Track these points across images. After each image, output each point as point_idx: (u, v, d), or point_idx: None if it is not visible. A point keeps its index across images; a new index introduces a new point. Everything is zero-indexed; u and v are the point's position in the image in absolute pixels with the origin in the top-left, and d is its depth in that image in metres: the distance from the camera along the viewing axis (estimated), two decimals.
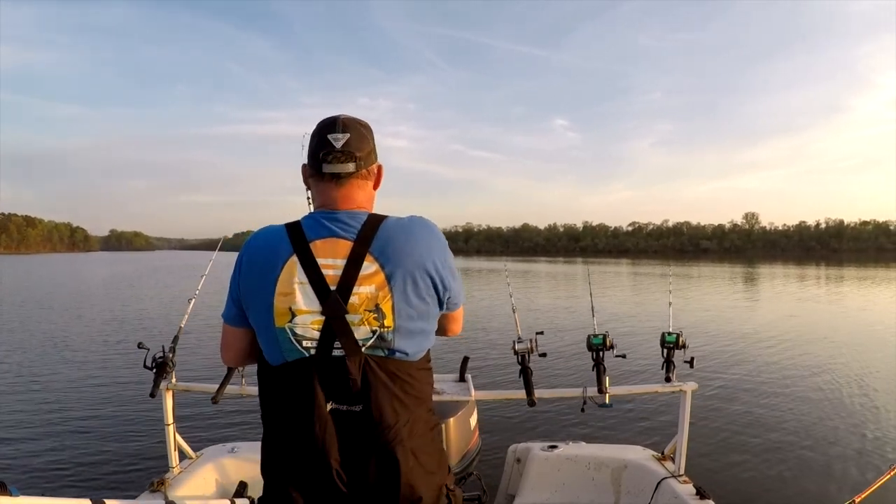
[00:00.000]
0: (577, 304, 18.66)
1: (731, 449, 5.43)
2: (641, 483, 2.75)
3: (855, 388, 7.78)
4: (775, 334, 12.36)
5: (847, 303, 19.70)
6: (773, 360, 9.68)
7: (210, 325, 11.78)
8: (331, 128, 1.28)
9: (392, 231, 1.24)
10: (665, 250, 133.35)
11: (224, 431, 5.69)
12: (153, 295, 24.26)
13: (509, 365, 3.24)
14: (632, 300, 20.63)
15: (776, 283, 30.76)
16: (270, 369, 1.25)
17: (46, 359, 10.16)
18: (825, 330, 13.09)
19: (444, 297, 1.30)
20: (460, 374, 2.81)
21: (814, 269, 47.54)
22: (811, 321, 14.86)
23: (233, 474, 2.83)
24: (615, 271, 45.49)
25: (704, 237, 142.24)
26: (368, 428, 1.19)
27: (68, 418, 6.53)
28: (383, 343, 1.21)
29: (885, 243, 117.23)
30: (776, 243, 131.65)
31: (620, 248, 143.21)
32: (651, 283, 30.98)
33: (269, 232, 1.28)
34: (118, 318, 15.88)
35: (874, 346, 10.95)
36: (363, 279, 1.19)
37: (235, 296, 1.30)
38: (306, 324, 1.19)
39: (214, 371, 7.78)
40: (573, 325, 13.22)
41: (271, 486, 1.26)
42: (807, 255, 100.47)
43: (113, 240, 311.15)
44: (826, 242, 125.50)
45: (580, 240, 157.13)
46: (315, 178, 1.31)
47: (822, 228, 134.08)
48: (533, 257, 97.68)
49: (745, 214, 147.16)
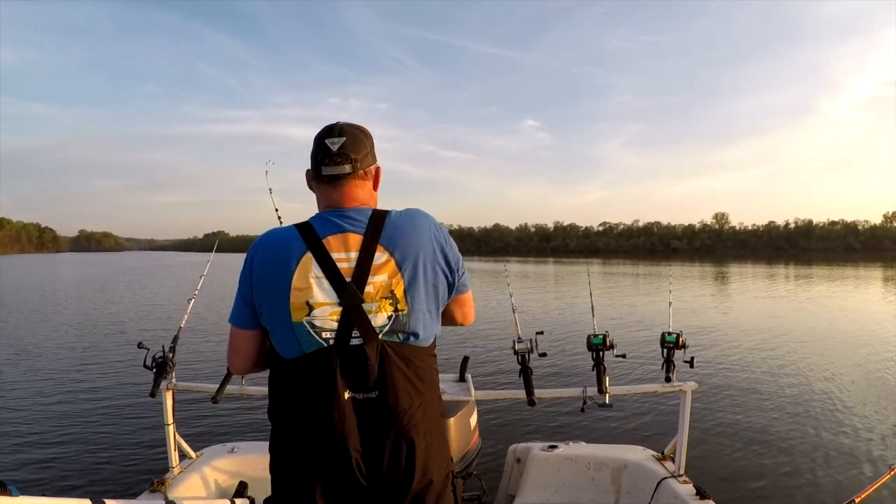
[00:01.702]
0: (576, 304, 18.67)
1: (731, 449, 5.43)
2: (641, 483, 2.75)
3: (854, 388, 7.78)
4: (774, 334, 12.35)
5: (840, 303, 19.70)
6: (773, 360, 9.68)
7: (211, 323, 11.81)
8: (328, 133, 1.36)
9: (398, 221, 1.32)
10: (635, 250, 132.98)
11: (224, 431, 5.68)
12: (150, 295, 24.28)
13: (509, 365, 3.25)
14: (614, 301, 20.64)
15: (761, 283, 30.77)
16: (286, 363, 1.27)
17: (46, 359, 10.15)
18: (823, 330, 13.09)
19: (452, 278, 1.37)
20: (460, 374, 2.82)
21: (783, 269, 47.51)
22: (809, 321, 14.87)
23: (233, 474, 2.83)
24: (588, 271, 45.93)
25: (675, 237, 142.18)
26: (385, 413, 1.23)
27: (68, 418, 6.53)
28: (399, 326, 1.26)
29: (853, 243, 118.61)
30: (746, 243, 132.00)
31: (591, 248, 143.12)
32: (622, 282, 31.10)
33: (280, 232, 1.34)
34: (118, 318, 15.89)
35: (873, 346, 10.95)
36: (376, 269, 1.26)
37: (248, 297, 1.32)
38: (325, 315, 1.24)
39: (214, 371, 7.78)
40: (573, 325, 13.23)
41: (287, 482, 1.28)
42: (776, 255, 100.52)
43: (82, 240, 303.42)
44: (795, 242, 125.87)
45: (551, 240, 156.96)
46: (317, 182, 1.39)
47: (792, 228, 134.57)
48: (504, 257, 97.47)
49: (715, 214, 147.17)
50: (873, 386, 7.88)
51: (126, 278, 37.61)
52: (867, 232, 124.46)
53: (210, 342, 10.85)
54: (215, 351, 9.90)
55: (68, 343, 11.83)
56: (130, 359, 9.32)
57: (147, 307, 19.12)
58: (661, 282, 30.98)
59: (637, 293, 23.68)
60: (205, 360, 9.22)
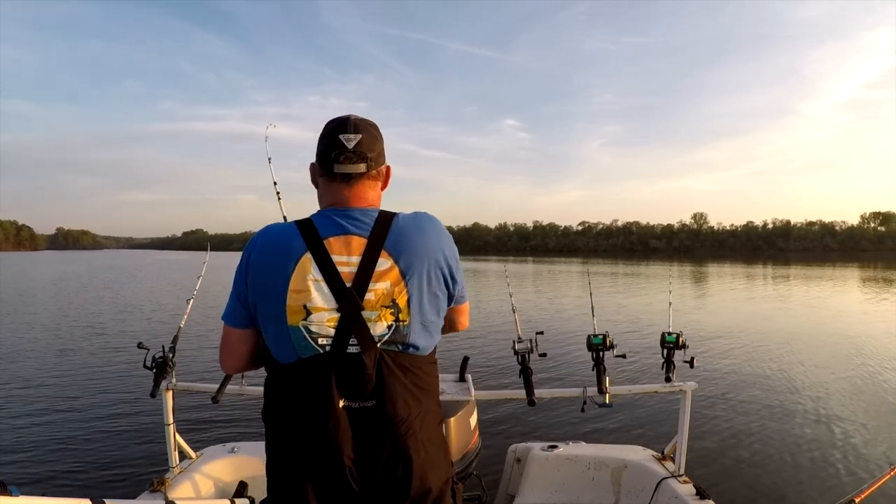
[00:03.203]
0: (567, 304, 18.66)
1: (731, 449, 5.43)
2: (641, 483, 2.75)
3: (854, 388, 7.78)
4: (771, 335, 12.35)
5: (833, 304, 19.70)
6: (772, 360, 9.67)
7: (211, 323, 11.81)
8: (342, 128, 1.27)
9: (404, 226, 1.25)
10: (615, 250, 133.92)
11: (224, 431, 5.68)
12: (148, 295, 24.26)
13: (509, 365, 3.25)
14: (615, 300, 20.64)
15: (745, 283, 30.84)
16: (281, 368, 1.23)
17: (46, 359, 10.14)
18: (819, 330, 13.10)
19: (454, 290, 1.32)
20: (460, 374, 2.81)
21: (763, 269, 47.72)
22: (805, 322, 14.87)
23: (233, 474, 2.83)
24: (566, 270, 46.26)
25: (654, 237, 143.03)
26: (382, 422, 1.19)
27: (68, 418, 6.53)
28: (399, 338, 1.21)
29: (831, 243, 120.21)
30: (724, 243, 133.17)
31: (570, 247, 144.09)
32: (616, 282, 31.09)
33: (279, 228, 1.26)
34: (118, 319, 15.88)
35: (872, 346, 10.95)
36: (379, 275, 1.20)
37: (242, 295, 1.26)
38: (322, 321, 1.18)
39: (214, 371, 7.79)
40: (573, 325, 13.22)
41: (280, 485, 1.24)
42: (754, 255, 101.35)
43: (60, 238, 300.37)
44: (773, 242, 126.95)
45: (530, 239, 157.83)
46: (325, 178, 1.31)
47: (770, 228, 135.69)
48: (484, 256, 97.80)
49: (694, 214, 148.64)
50: (873, 386, 7.88)
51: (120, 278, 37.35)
52: (844, 233, 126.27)
53: (210, 342, 10.84)
54: (215, 351, 9.83)
55: (68, 343, 11.81)
56: (130, 359, 9.33)
57: (146, 307, 19.09)
58: (649, 281, 30.98)
59: (633, 294, 23.67)
60: (205, 360, 9.21)
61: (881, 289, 26.42)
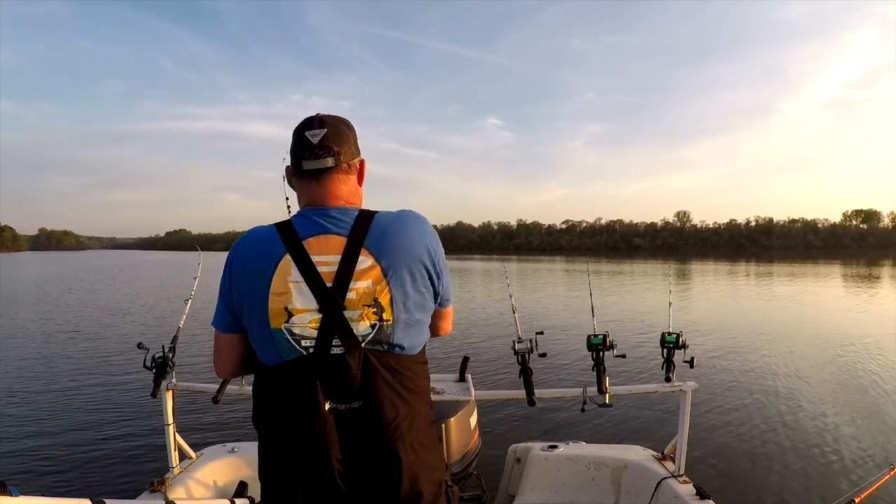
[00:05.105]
0: (573, 304, 18.66)
1: (731, 449, 5.43)
2: (641, 483, 2.75)
3: (854, 387, 7.77)
4: (770, 334, 12.34)
5: (827, 302, 19.69)
6: (772, 360, 9.67)
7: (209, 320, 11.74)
8: (308, 126, 1.27)
9: (385, 224, 1.23)
10: (598, 248, 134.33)
11: (224, 431, 5.68)
12: (144, 295, 24.25)
13: (509, 365, 3.25)
14: (613, 301, 20.63)
15: (731, 281, 30.88)
16: (267, 370, 1.23)
17: (46, 359, 10.15)
18: (818, 330, 13.08)
19: (438, 288, 1.30)
20: (460, 374, 2.81)
21: (746, 266, 47.75)
22: (802, 321, 14.86)
23: (233, 474, 2.83)
24: (551, 269, 46.26)
25: (637, 235, 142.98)
26: (368, 424, 1.18)
27: (68, 418, 6.53)
28: (383, 337, 1.20)
29: (814, 241, 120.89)
30: (707, 241, 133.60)
31: (554, 245, 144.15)
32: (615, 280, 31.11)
33: (259, 232, 1.26)
34: (116, 319, 15.88)
35: (872, 346, 10.94)
36: (359, 274, 1.18)
37: (227, 300, 1.27)
38: (304, 323, 1.17)
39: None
40: (573, 325, 13.22)
41: (271, 488, 1.25)
42: (738, 252, 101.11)
43: (42, 239, 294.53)
44: (756, 240, 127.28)
45: (514, 237, 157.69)
46: (297, 178, 1.30)
47: (753, 226, 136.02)
48: (467, 255, 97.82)
49: (678, 212, 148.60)
50: (873, 385, 7.87)
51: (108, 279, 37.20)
52: (827, 230, 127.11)
53: (210, 343, 10.83)
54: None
55: (67, 343, 11.82)
56: (130, 359, 9.33)
57: (143, 308, 19.10)
58: (642, 280, 30.89)
59: (631, 293, 23.66)
60: (205, 360, 9.21)
61: (869, 286, 26.37)
